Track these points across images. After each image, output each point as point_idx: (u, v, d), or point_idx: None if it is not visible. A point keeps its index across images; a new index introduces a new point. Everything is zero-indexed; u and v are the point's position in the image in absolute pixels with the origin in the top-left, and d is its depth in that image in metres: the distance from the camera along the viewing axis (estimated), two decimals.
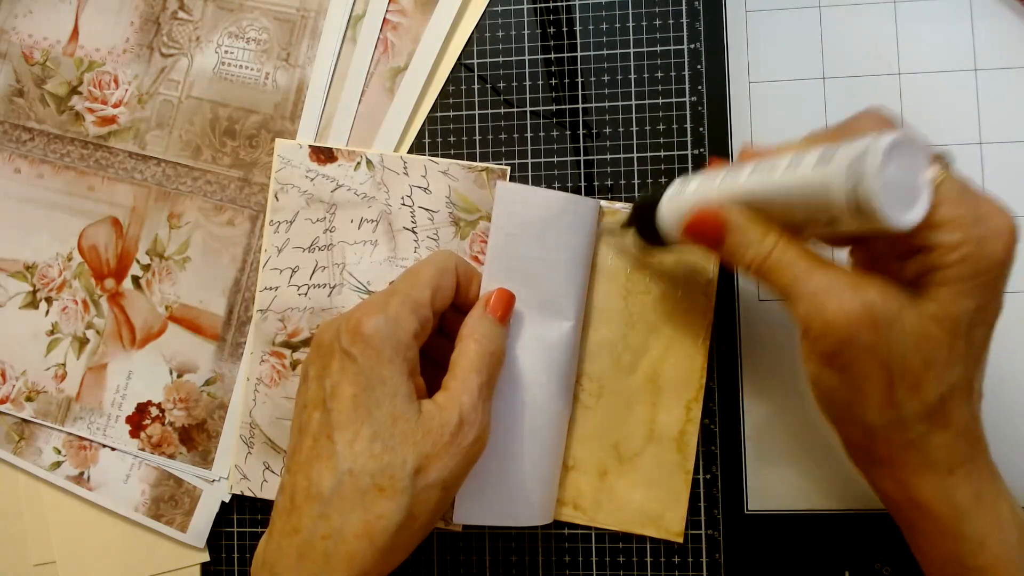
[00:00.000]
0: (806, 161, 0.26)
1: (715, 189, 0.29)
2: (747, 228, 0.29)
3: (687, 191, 0.31)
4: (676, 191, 0.32)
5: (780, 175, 0.27)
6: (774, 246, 0.28)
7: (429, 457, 0.30)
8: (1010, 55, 0.39)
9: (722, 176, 0.29)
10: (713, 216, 0.29)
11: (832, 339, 0.27)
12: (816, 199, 0.25)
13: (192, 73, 0.43)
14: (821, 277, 0.27)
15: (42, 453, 0.44)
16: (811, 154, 0.26)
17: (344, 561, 0.29)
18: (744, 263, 0.29)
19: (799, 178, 0.26)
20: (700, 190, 0.31)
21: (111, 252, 0.44)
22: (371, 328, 0.31)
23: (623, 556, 0.40)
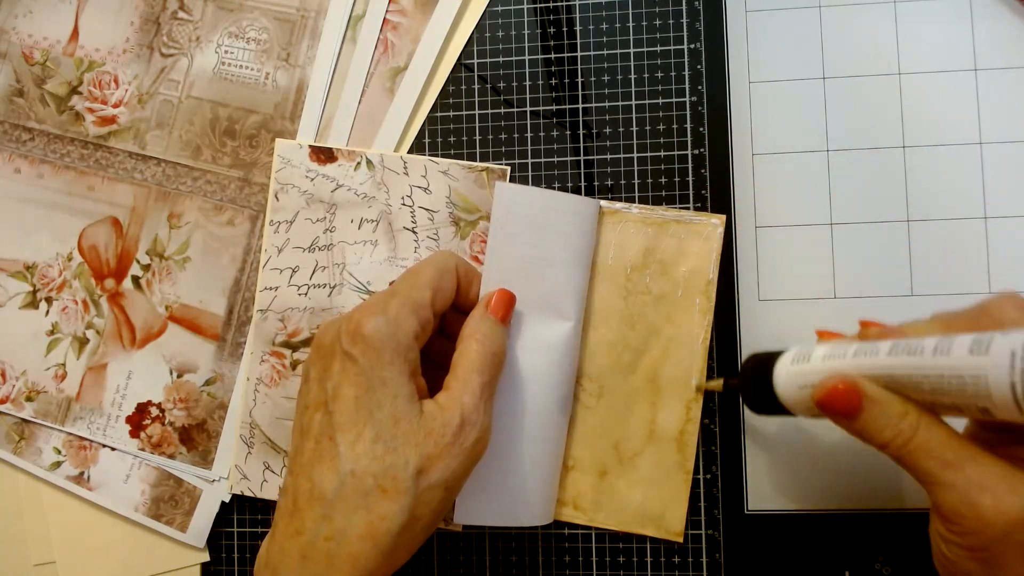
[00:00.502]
0: (957, 346, 0.25)
1: (849, 362, 0.28)
2: (887, 404, 0.28)
3: (814, 359, 0.30)
4: (798, 357, 0.31)
5: (929, 359, 0.26)
6: (917, 427, 0.27)
7: (431, 458, 0.30)
8: (1010, 55, 0.39)
9: (855, 349, 0.29)
10: (851, 388, 0.28)
11: (985, 536, 0.26)
12: (971, 388, 0.25)
13: (192, 73, 0.43)
14: (973, 469, 0.26)
15: (42, 453, 0.44)
16: (961, 339, 0.25)
17: (347, 562, 0.29)
18: (881, 440, 0.28)
19: (952, 365, 0.25)
20: (831, 362, 0.29)
21: (111, 252, 0.44)
22: (372, 329, 0.31)
23: (623, 556, 0.40)
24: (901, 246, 0.39)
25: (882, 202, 0.39)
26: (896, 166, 0.39)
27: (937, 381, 0.26)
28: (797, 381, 0.31)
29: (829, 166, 0.40)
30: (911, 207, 0.39)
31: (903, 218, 0.39)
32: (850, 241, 0.39)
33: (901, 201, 0.39)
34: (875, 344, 0.28)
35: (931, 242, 0.39)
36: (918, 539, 0.38)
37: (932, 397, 0.26)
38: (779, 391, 0.32)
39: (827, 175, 0.40)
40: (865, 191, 0.39)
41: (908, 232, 0.39)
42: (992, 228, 0.39)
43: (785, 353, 0.32)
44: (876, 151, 0.39)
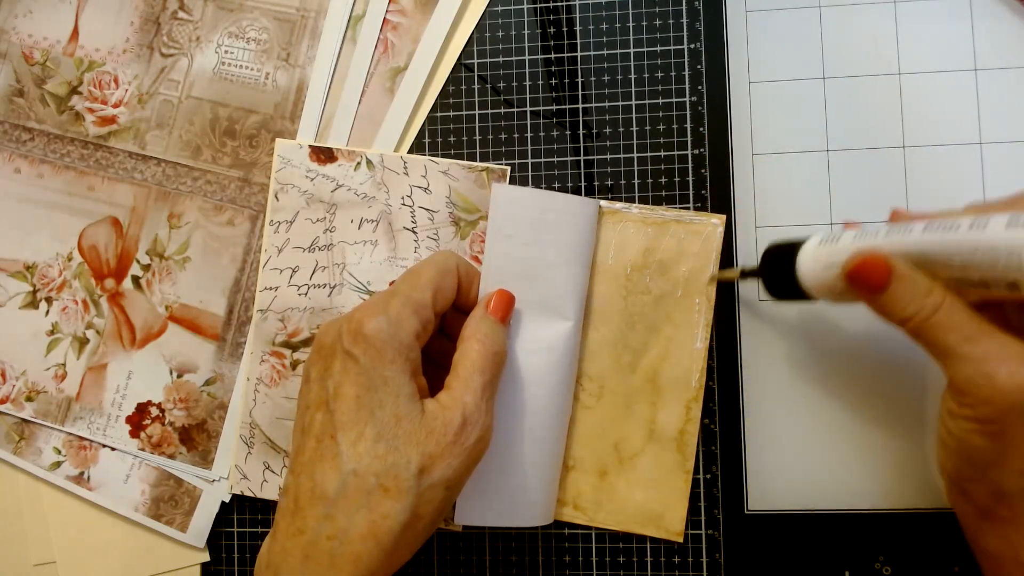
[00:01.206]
0: (994, 222, 0.25)
1: (881, 240, 0.29)
2: (914, 280, 0.28)
3: (843, 240, 0.31)
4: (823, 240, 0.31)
5: (964, 233, 0.26)
6: (941, 302, 0.28)
7: (433, 457, 0.30)
8: (1010, 55, 0.39)
9: (887, 229, 0.29)
10: (881, 262, 0.29)
11: (997, 406, 0.27)
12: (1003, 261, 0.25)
13: (192, 73, 0.43)
14: (991, 342, 0.27)
15: (42, 453, 0.44)
16: (997, 216, 0.26)
17: (350, 562, 0.30)
18: (905, 315, 0.29)
19: (987, 237, 0.26)
20: (861, 242, 0.30)
21: (111, 252, 0.44)
22: (373, 329, 0.31)
23: (623, 556, 0.40)
24: None
25: (882, 202, 0.39)
26: (896, 166, 0.39)
27: (970, 255, 0.26)
28: (823, 260, 0.31)
29: (829, 166, 0.40)
30: (911, 207, 0.39)
31: None
32: None
33: (901, 201, 0.39)
34: (908, 224, 0.29)
35: None
36: (918, 539, 0.38)
37: (961, 272, 0.27)
38: (802, 272, 0.32)
39: (827, 175, 0.40)
40: (865, 191, 0.39)
41: None
42: None
43: (811, 237, 0.32)
44: (876, 151, 0.39)
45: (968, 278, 0.27)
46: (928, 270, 0.28)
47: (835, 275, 0.31)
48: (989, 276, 0.26)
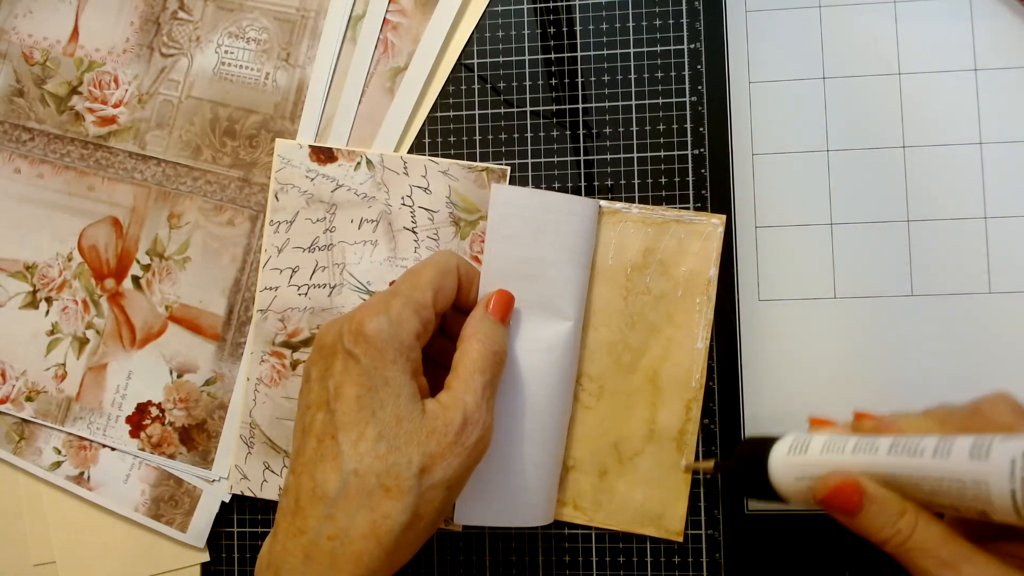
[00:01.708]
0: (957, 449, 0.25)
1: (848, 458, 0.29)
2: (886, 503, 0.28)
3: (812, 451, 0.30)
4: (794, 447, 0.31)
5: (928, 460, 0.26)
6: (915, 525, 0.28)
7: (434, 457, 0.30)
8: (1010, 55, 0.39)
9: (854, 444, 0.29)
10: (852, 487, 0.28)
11: None
12: (971, 492, 0.25)
13: (192, 73, 0.43)
14: (969, 569, 0.27)
15: (42, 453, 0.44)
16: (960, 442, 0.25)
17: (351, 562, 0.30)
18: (880, 538, 0.28)
19: (952, 468, 0.25)
20: (829, 456, 0.30)
21: (111, 252, 0.44)
22: (374, 329, 0.31)
23: (623, 556, 0.40)
24: (901, 246, 0.39)
25: (882, 202, 0.39)
26: (896, 166, 0.39)
27: (936, 483, 0.26)
28: (794, 472, 0.31)
29: (829, 166, 0.40)
30: (911, 207, 0.39)
31: (903, 218, 0.39)
32: (850, 241, 0.39)
33: (901, 201, 0.39)
34: (874, 440, 0.29)
35: (931, 242, 0.39)
36: None
37: (930, 497, 0.27)
38: (775, 480, 0.32)
39: (827, 175, 0.40)
40: (865, 191, 0.39)
41: (908, 232, 0.39)
42: (992, 228, 0.39)
43: (780, 441, 0.32)
44: (876, 151, 0.39)
45: (939, 503, 0.27)
46: (899, 490, 0.28)
47: (807, 487, 0.30)
48: (959, 504, 0.26)
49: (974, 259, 0.39)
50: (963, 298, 0.39)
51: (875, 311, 0.39)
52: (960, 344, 0.39)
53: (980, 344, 0.39)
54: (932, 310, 0.39)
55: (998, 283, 0.38)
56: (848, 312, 0.39)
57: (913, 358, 0.39)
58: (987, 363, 0.38)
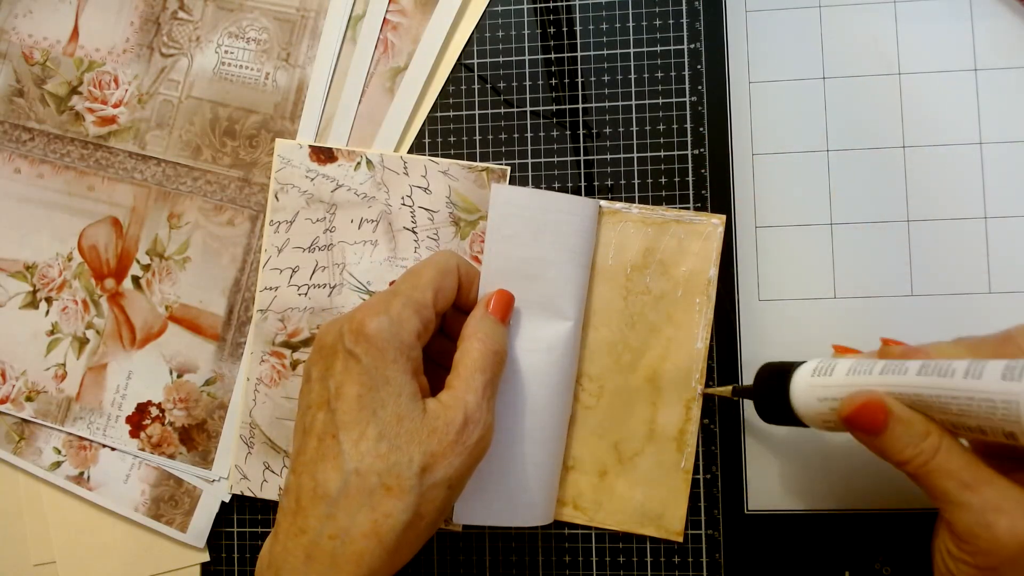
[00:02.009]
0: (989, 370, 0.25)
1: (875, 379, 0.29)
2: (912, 423, 0.28)
3: (837, 373, 0.30)
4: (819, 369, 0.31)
5: (960, 381, 0.26)
6: (939, 446, 0.28)
7: (435, 456, 0.30)
8: (1010, 55, 0.39)
9: (882, 366, 0.29)
10: (878, 405, 0.28)
11: (997, 557, 0.26)
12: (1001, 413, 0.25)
13: (192, 73, 0.43)
14: (990, 491, 0.27)
15: (42, 453, 0.44)
16: (993, 364, 0.25)
17: (352, 561, 0.30)
18: (902, 458, 0.28)
19: (983, 389, 0.25)
20: (856, 378, 0.30)
21: (111, 252, 0.44)
22: (374, 328, 0.31)
23: (623, 556, 0.40)
24: (901, 246, 0.39)
25: (882, 202, 0.39)
26: (896, 166, 0.39)
27: (967, 404, 0.26)
28: (817, 393, 0.31)
29: (829, 166, 0.40)
30: (911, 207, 0.39)
31: (903, 218, 0.39)
32: (850, 241, 0.39)
33: (901, 201, 0.39)
34: (903, 363, 0.28)
35: (931, 242, 0.39)
36: (918, 539, 0.38)
37: (958, 419, 0.27)
38: (796, 402, 0.32)
39: (827, 175, 0.40)
40: (865, 191, 0.39)
41: (908, 232, 0.39)
42: (992, 228, 0.39)
43: (804, 365, 0.32)
44: (876, 151, 0.39)
45: (965, 424, 0.27)
46: (924, 412, 0.28)
47: (830, 408, 0.30)
48: (986, 425, 0.26)
49: (974, 259, 0.39)
50: (963, 298, 0.39)
51: (875, 311, 0.39)
52: None
53: None
54: (932, 310, 0.39)
55: (998, 283, 0.38)
56: (848, 312, 0.39)
57: None
58: None
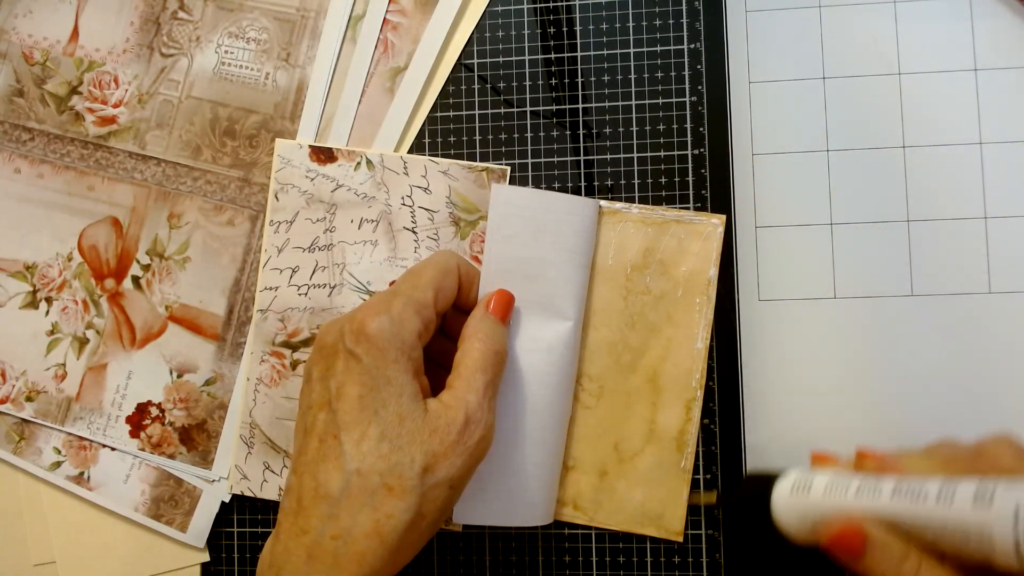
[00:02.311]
0: (960, 495, 0.26)
1: (852, 500, 0.29)
2: (889, 547, 0.28)
3: (815, 492, 0.31)
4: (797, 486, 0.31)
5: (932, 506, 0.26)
6: (918, 569, 0.28)
7: (436, 456, 0.30)
8: (1010, 55, 0.39)
9: (857, 486, 0.29)
10: (856, 532, 0.29)
11: None
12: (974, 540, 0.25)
13: (192, 73, 0.43)
14: None
15: (42, 453, 0.44)
16: (964, 488, 0.26)
17: (354, 561, 0.30)
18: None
19: (956, 516, 0.26)
20: (833, 497, 0.30)
21: (111, 252, 0.44)
22: (375, 328, 0.31)
23: (623, 556, 0.40)
24: (901, 246, 0.39)
25: (882, 202, 0.39)
26: (896, 166, 0.39)
27: (940, 530, 0.26)
28: (797, 513, 0.31)
29: (829, 166, 0.40)
30: (911, 207, 0.39)
31: (903, 218, 0.39)
32: (850, 241, 0.39)
33: (901, 201, 0.39)
34: (877, 481, 0.29)
35: (931, 242, 0.39)
36: None
37: (933, 543, 0.27)
38: (778, 520, 0.32)
39: (827, 175, 0.40)
40: (865, 191, 0.39)
41: (908, 232, 0.39)
42: (992, 228, 0.39)
43: (783, 479, 0.32)
44: (876, 151, 0.39)
45: (941, 548, 0.27)
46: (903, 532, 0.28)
47: (811, 527, 0.31)
48: (962, 550, 0.26)
49: (974, 259, 0.39)
50: (963, 298, 0.39)
51: (875, 311, 0.39)
52: (960, 344, 0.39)
53: (980, 344, 0.39)
54: (932, 310, 0.39)
55: (998, 283, 0.38)
56: (848, 312, 0.39)
57: (913, 358, 0.39)
58: (987, 363, 0.38)
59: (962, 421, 0.39)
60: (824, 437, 0.39)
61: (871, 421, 0.39)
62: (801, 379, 0.39)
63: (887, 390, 0.39)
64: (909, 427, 0.39)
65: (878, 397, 0.39)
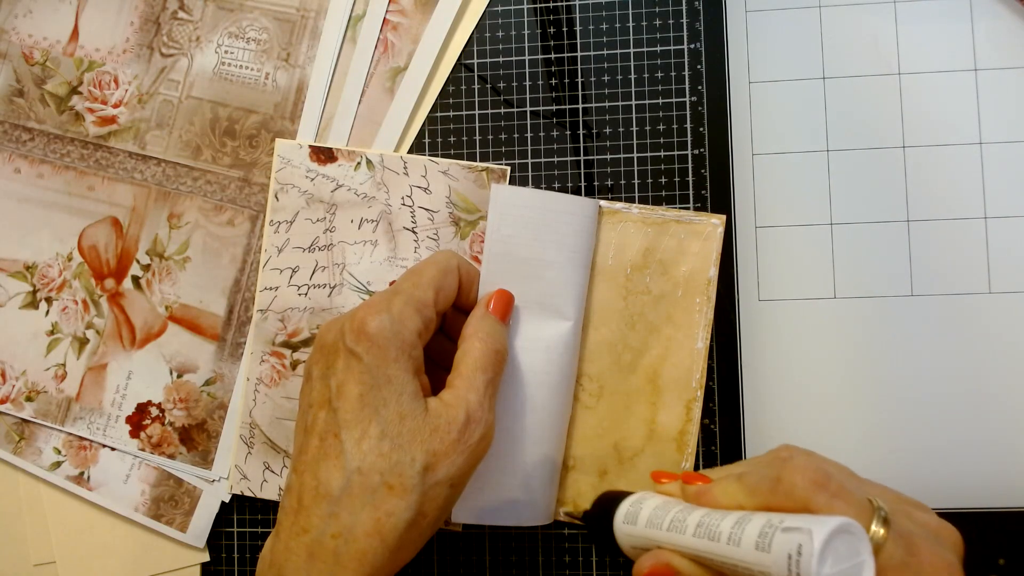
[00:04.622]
0: (746, 538, 0.26)
1: (664, 534, 0.30)
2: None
3: (640, 522, 0.32)
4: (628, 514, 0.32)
5: (723, 545, 0.27)
6: None
7: (437, 454, 0.30)
8: (1010, 55, 0.39)
9: (671, 519, 0.30)
10: (663, 569, 0.29)
11: None
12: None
13: (192, 73, 0.43)
14: None
15: (42, 453, 0.44)
16: (750, 530, 0.26)
17: (355, 560, 0.30)
18: None
19: (742, 557, 0.27)
20: (651, 529, 0.31)
21: (111, 252, 0.44)
22: (376, 327, 0.31)
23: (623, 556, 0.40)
24: (901, 246, 0.39)
25: (882, 202, 0.39)
26: (896, 166, 0.39)
27: (732, 570, 0.27)
28: (627, 541, 0.32)
29: (829, 166, 0.40)
30: (911, 207, 0.39)
31: (903, 218, 0.39)
32: (850, 241, 0.39)
33: (901, 201, 0.39)
34: (685, 517, 0.29)
35: (931, 242, 0.39)
36: None
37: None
38: (619, 542, 0.33)
39: (827, 175, 0.40)
40: (865, 191, 0.39)
41: (908, 232, 0.39)
42: (992, 228, 0.39)
43: (623, 504, 0.33)
44: (876, 151, 0.39)
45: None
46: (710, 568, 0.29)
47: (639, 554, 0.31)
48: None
49: (974, 259, 0.39)
50: (963, 298, 0.39)
51: (875, 311, 0.39)
52: (960, 344, 0.39)
53: (980, 344, 0.39)
54: (932, 310, 0.39)
55: (998, 283, 0.38)
56: (848, 312, 0.39)
57: (913, 358, 0.39)
58: (987, 363, 0.39)
59: (962, 421, 0.39)
60: (824, 437, 0.39)
61: (871, 420, 0.39)
62: (801, 379, 0.40)
63: (887, 390, 0.39)
64: (908, 427, 0.39)
65: (878, 397, 0.39)
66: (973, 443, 0.38)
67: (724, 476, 0.30)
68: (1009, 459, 0.38)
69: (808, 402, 0.39)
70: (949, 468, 0.39)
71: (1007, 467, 0.38)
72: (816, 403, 0.39)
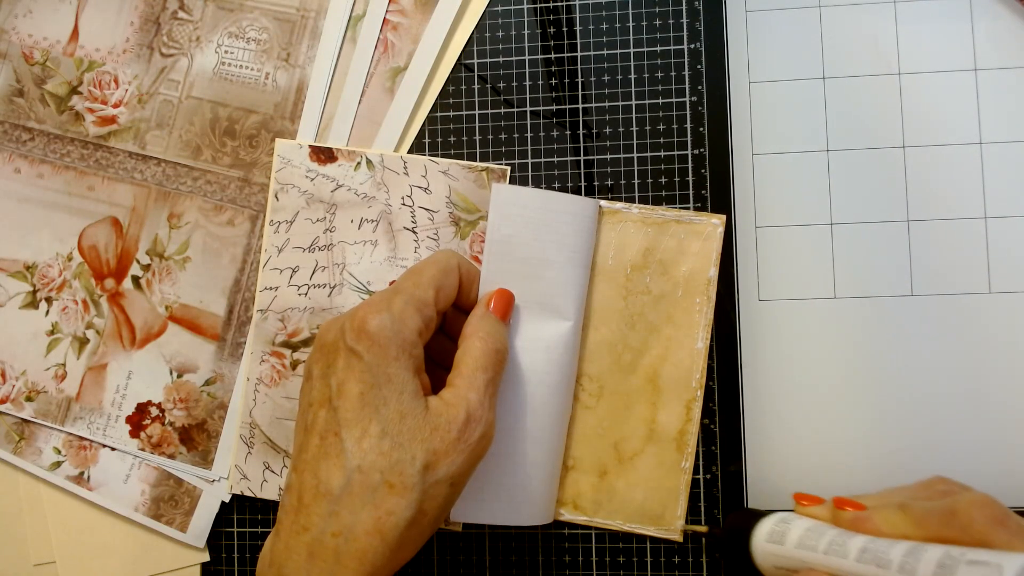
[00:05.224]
0: (924, 566, 0.25)
1: (821, 557, 0.29)
2: None
3: (788, 543, 0.31)
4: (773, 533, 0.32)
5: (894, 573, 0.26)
6: None
7: (437, 453, 0.30)
8: (1010, 55, 0.39)
9: (828, 541, 0.29)
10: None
11: None
12: None
13: (192, 73, 0.43)
14: None
15: (42, 453, 0.44)
16: (927, 560, 0.26)
17: (355, 558, 0.30)
18: None
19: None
20: (804, 551, 0.30)
21: (111, 252, 0.44)
22: (376, 326, 0.31)
23: (623, 556, 0.40)
24: (901, 246, 0.39)
25: (882, 202, 0.39)
26: (896, 166, 0.39)
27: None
28: (771, 560, 0.32)
29: (829, 166, 0.40)
30: (911, 207, 0.39)
31: (903, 218, 0.39)
32: (850, 241, 0.39)
33: (901, 201, 0.39)
34: (846, 540, 0.29)
35: (931, 242, 0.39)
36: None
37: None
38: (757, 562, 0.33)
39: (827, 175, 0.40)
40: (865, 191, 0.39)
41: (908, 232, 0.39)
42: (992, 228, 0.39)
43: (762, 522, 0.33)
44: (876, 151, 0.39)
45: None
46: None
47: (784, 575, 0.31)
48: None
49: (974, 259, 0.39)
50: (963, 298, 0.39)
51: (875, 311, 0.39)
52: (960, 344, 0.39)
53: (980, 344, 0.39)
54: (932, 310, 0.39)
55: (998, 283, 0.38)
56: (848, 312, 0.39)
57: (913, 358, 0.39)
58: (987, 363, 0.39)
59: (962, 421, 0.39)
60: (824, 437, 0.39)
61: (871, 421, 0.39)
62: (801, 379, 0.40)
63: (887, 390, 0.39)
64: (909, 427, 0.39)
65: (878, 397, 0.39)
66: (973, 443, 0.38)
67: (882, 504, 0.30)
68: (1009, 459, 0.38)
69: (808, 402, 0.39)
70: (949, 468, 0.39)
71: (1007, 467, 0.38)
72: (816, 403, 0.39)
